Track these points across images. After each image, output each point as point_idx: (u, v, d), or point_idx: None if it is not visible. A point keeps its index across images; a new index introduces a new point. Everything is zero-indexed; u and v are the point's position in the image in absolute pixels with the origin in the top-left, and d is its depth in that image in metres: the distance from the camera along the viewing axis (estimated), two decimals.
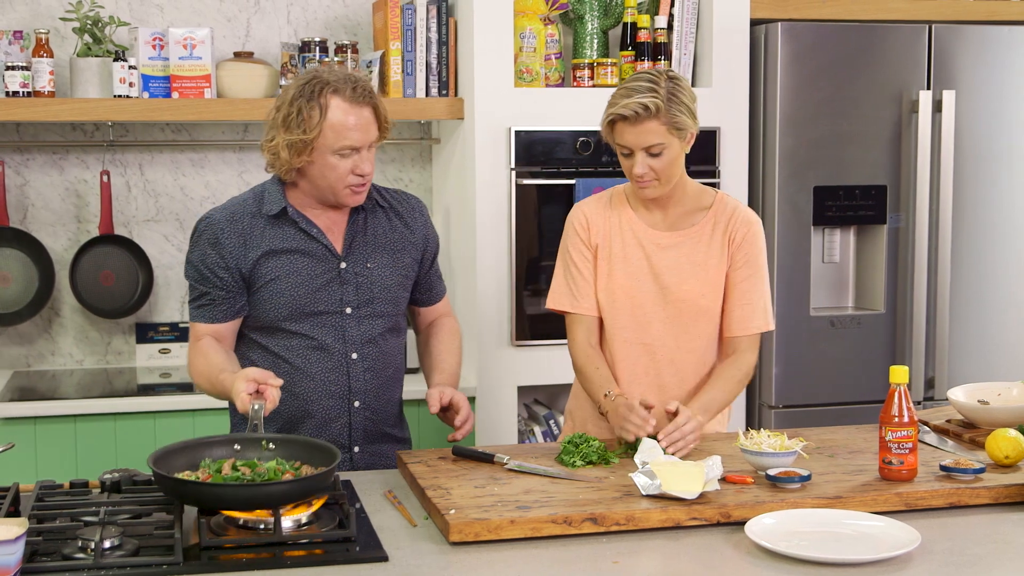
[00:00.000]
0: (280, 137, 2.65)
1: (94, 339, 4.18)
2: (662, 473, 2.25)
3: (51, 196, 4.13)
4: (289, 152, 2.65)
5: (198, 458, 2.29)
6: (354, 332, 2.76)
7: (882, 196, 4.09)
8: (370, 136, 2.68)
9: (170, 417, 3.64)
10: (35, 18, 4.06)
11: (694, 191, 2.90)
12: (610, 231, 2.90)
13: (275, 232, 2.73)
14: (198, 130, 4.21)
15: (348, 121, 2.63)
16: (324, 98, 2.62)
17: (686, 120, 2.73)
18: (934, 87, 4.09)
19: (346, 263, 2.76)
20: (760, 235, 2.89)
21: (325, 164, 2.65)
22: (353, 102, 2.64)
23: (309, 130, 2.62)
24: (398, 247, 2.83)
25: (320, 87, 2.63)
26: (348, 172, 2.66)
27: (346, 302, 2.75)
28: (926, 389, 4.16)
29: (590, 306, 2.91)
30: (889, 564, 2.01)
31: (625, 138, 2.74)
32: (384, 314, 2.80)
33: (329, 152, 2.64)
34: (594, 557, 2.07)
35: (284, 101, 2.67)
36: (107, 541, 2.03)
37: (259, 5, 4.22)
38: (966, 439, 2.73)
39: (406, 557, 2.07)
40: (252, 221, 2.73)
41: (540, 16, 3.97)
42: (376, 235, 2.81)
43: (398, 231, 2.84)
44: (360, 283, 2.76)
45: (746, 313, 2.85)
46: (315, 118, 2.61)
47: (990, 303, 4.22)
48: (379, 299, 2.79)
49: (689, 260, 2.85)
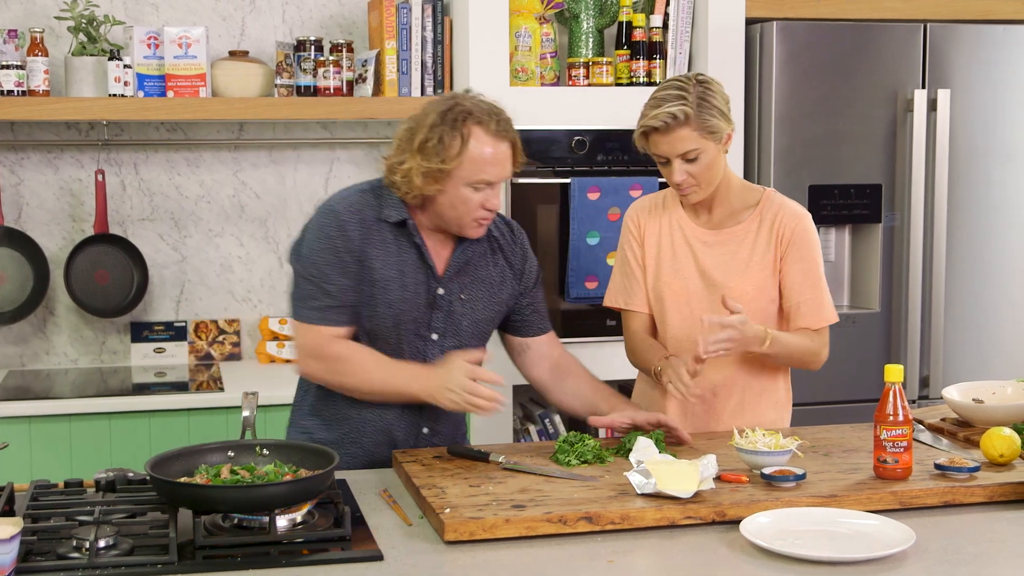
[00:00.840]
0: (414, 162, 2.56)
1: (89, 338, 4.17)
2: (657, 472, 2.26)
3: (46, 195, 4.12)
4: (423, 180, 2.57)
5: (194, 464, 2.29)
6: (435, 358, 2.68)
7: (877, 195, 4.10)
8: (507, 172, 2.62)
9: (165, 416, 3.64)
10: (30, 17, 4.05)
11: (740, 189, 2.91)
12: (660, 230, 2.92)
13: (390, 235, 2.66)
14: (193, 129, 4.20)
15: (488, 155, 2.56)
16: (467, 128, 2.55)
17: (718, 123, 2.74)
18: (929, 86, 4.09)
19: (443, 289, 2.70)
20: (811, 228, 2.87)
21: (457, 195, 2.58)
22: (496, 135, 2.57)
23: (448, 160, 2.54)
24: (496, 281, 2.77)
25: (464, 117, 2.56)
26: (478, 206, 2.60)
27: (434, 328, 2.70)
28: (921, 388, 4.16)
29: (642, 303, 2.96)
30: (884, 563, 2.01)
31: (660, 148, 2.76)
32: (468, 347, 2.71)
33: (463, 184, 2.57)
34: (589, 556, 2.07)
35: (422, 124, 2.58)
36: (102, 540, 2.03)
37: (254, 4, 4.22)
38: (961, 438, 2.73)
39: (401, 556, 2.06)
40: (373, 213, 2.65)
41: (535, 15, 3.97)
42: (478, 267, 2.74)
43: (499, 265, 2.78)
44: (452, 311, 2.71)
45: (811, 308, 2.85)
46: (455, 148, 2.54)
47: (985, 302, 4.23)
48: (467, 332, 2.73)
49: (735, 257, 2.86)
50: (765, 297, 2.85)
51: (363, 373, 2.63)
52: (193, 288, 4.24)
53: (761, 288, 2.85)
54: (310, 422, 2.79)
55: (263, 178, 4.27)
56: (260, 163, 4.26)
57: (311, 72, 3.97)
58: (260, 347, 4.20)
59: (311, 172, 4.30)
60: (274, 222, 4.29)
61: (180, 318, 4.23)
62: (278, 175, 4.28)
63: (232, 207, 4.25)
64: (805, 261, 2.85)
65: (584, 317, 3.91)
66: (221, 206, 4.24)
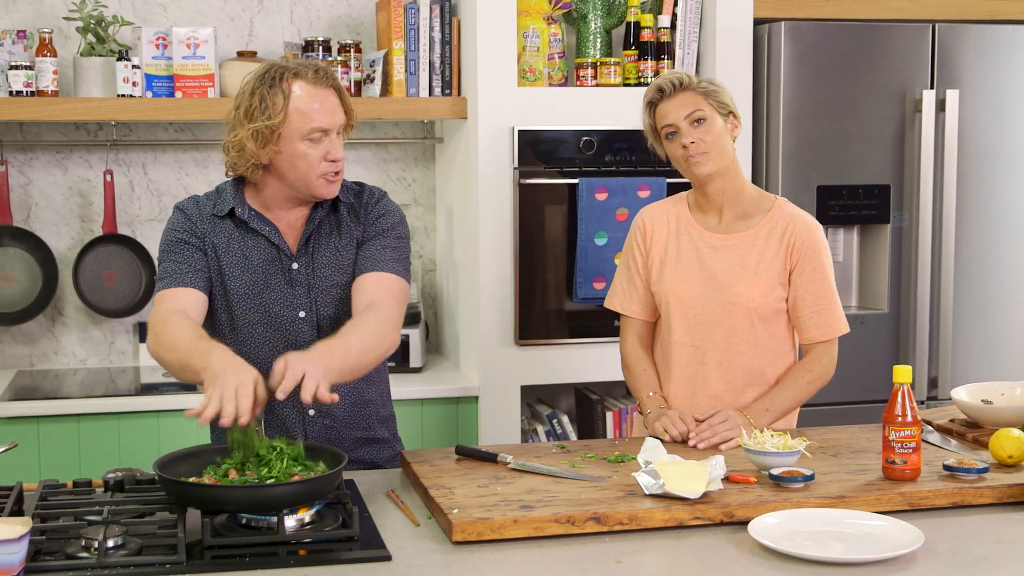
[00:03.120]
0: (243, 131, 2.52)
1: (97, 338, 4.18)
2: (665, 473, 2.25)
3: (54, 195, 4.13)
4: (255, 142, 2.51)
5: (203, 464, 2.28)
6: (308, 339, 2.58)
7: (885, 195, 4.09)
8: (337, 119, 2.56)
9: (173, 416, 3.64)
10: (39, 18, 4.06)
11: (753, 195, 2.91)
12: (668, 233, 2.93)
13: (228, 231, 2.63)
14: (201, 129, 4.21)
15: (313, 104, 2.52)
16: (286, 83, 2.51)
17: (722, 95, 2.81)
18: (937, 86, 4.09)
19: (297, 264, 2.63)
20: (822, 240, 2.87)
21: (294, 153, 2.53)
22: (316, 83, 2.53)
23: (274, 115, 2.49)
24: (344, 243, 2.66)
25: (280, 72, 2.52)
26: (320, 159, 2.54)
27: (298, 305, 2.63)
28: (929, 388, 4.16)
29: (639, 310, 2.97)
30: (892, 564, 2.01)
31: (667, 114, 2.80)
32: (340, 317, 2.60)
33: (298, 138, 2.52)
34: (597, 557, 2.07)
35: (243, 94, 2.54)
36: (110, 540, 2.03)
37: (262, 4, 4.23)
38: (969, 439, 2.73)
39: (409, 557, 2.06)
40: (212, 209, 2.64)
41: (543, 15, 3.97)
42: (326, 234, 2.66)
43: (346, 224, 2.67)
44: (312, 285, 2.63)
45: (822, 319, 2.84)
46: (279, 103, 2.50)
47: (993, 302, 4.22)
48: (333, 303, 2.63)
49: (742, 262, 2.85)
50: (771, 304, 2.85)
51: (173, 339, 2.41)
52: None
53: (767, 294, 2.84)
54: None
55: None
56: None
57: None
58: None
59: None
60: None
61: None
62: None
63: None
64: (816, 272, 2.84)
65: (591, 318, 3.91)
66: None
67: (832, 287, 2.87)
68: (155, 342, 2.48)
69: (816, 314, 2.84)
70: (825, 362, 2.86)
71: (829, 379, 2.88)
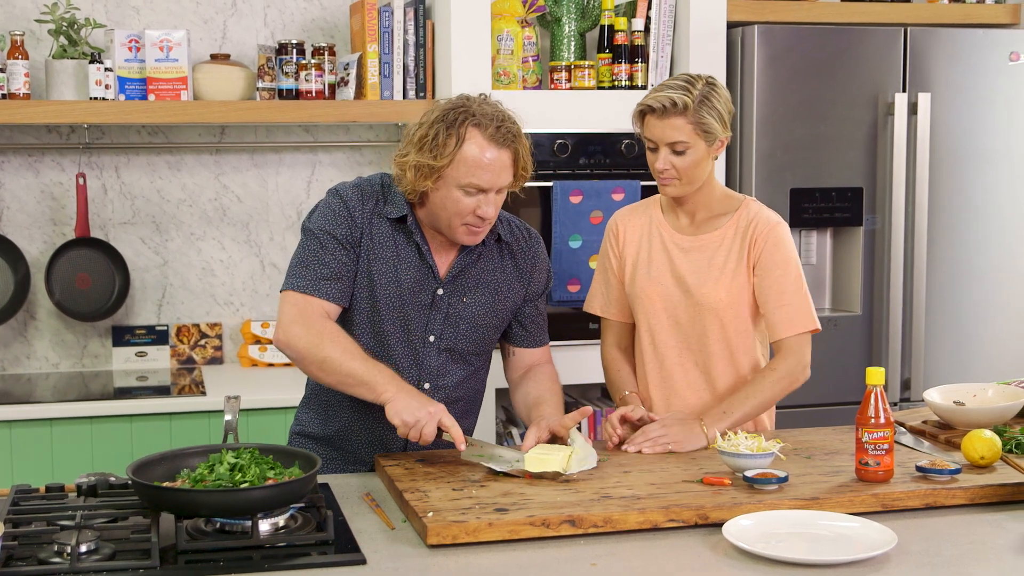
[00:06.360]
0: (412, 156, 2.54)
1: (70, 342, 4.16)
2: (531, 457, 2.42)
3: (26, 199, 4.10)
4: (415, 174, 2.54)
5: (176, 468, 2.28)
6: (432, 362, 2.68)
7: (858, 198, 4.11)
8: (502, 181, 2.56)
9: (146, 421, 3.63)
10: (10, 20, 4.03)
11: (721, 196, 2.91)
12: (640, 235, 2.94)
13: (385, 232, 2.65)
14: (174, 132, 4.19)
15: (482, 159, 2.52)
16: (464, 129, 2.51)
17: (714, 124, 2.75)
18: (909, 90, 4.11)
19: (443, 290, 2.67)
20: (785, 236, 2.85)
21: (448, 196, 2.54)
22: (493, 141, 2.52)
23: (440, 157, 2.51)
24: (502, 286, 2.73)
25: (463, 117, 2.52)
26: (469, 211, 2.56)
27: (431, 329, 2.67)
28: (902, 390, 4.18)
29: (617, 312, 2.98)
30: (866, 565, 2.02)
31: (652, 131, 2.78)
32: (467, 352, 2.71)
33: (454, 185, 2.53)
34: (572, 559, 2.07)
35: (426, 123, 2.56)
36: (83, 545, 2.02)
37: (236, 7, 4.21)
38: (942, 440, 2.75)
39: (384, 560, 2.06)
40: (376, 207, 2.66)
41: (517, 18, 3.97)
42: (484, 270, 2.71)
43: (507, 270, 2.74)
44: (450, 314, 2.68)
45: (787, 315, 2.82)
46: (450, 147, 2.50)
47: (966, 304, 4.24)
48: (465, 336, 2.70)
49: (710, 263, 2.85)
50: (739, 304, 2.85)
51: (342, 351, 2.53)
52: (175, 292, 4.23)
53: (735, 295, 2.84)
54: (305, 415, 2.81)
55: (245, 181, 4.26)
56: (242, 166, 4.25)
57: (293, 75, 3.97)
58: (242, 351, 4.19)
59: (293, 175, 4.29)
60: (256, 225, 4.28)
61: (162, 322, 4.21)
62: (260, 178, 4.27)
63: (214, 211, 4.24)
64: (779, 268, 2.82)
65: (566, 320, 3.91)
66: (203, 210, 4.23)
67: (798, 283, 2.84)
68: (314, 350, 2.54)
69: (779, 309, 2.82)
70: (791, 361, 2.80)
71: (800, 380, 2.83)
